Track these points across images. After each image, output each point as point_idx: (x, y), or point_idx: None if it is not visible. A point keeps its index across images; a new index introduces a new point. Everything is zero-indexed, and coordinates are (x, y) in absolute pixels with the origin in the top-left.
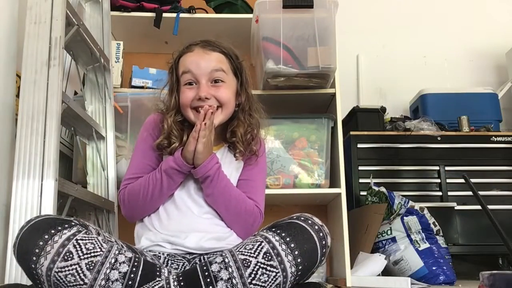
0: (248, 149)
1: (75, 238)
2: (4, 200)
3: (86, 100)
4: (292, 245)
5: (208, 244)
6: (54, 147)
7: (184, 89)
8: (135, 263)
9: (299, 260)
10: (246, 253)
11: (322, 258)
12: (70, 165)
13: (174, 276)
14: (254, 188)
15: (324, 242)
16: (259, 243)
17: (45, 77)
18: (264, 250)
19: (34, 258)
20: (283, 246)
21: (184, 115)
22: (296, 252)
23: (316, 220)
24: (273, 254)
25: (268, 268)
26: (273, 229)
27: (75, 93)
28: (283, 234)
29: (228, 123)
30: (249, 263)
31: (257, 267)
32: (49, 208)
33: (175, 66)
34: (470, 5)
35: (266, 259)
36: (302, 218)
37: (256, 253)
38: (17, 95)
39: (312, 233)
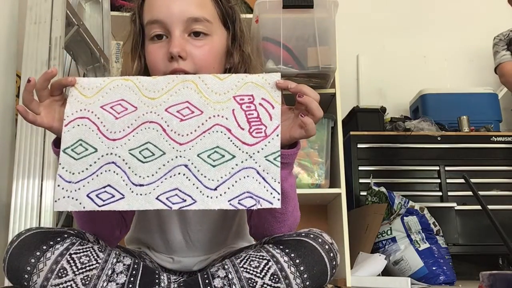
0: None
1: (68, 253)
2: (4, 200)
3: None
4: (302, 268)
5: (208, 262)
6: None
7: (150, 45)
8: (133, 271)
9: (307, 283)
10: (251, 272)
11: (331, 278)
12: None
13: (176, 285)
14: None
15: (334, 263)
16: (265, 261)
17: None
18: (271, 271)
19: (26, 276)
20: (292, 269)
21: None
22: (305, 276)
23: (326, 238)
24: (281, 276)
25: None
26: (281, 247)
27: None
28: (292, 255)
29: None
30: (254, 284)
31: None
32: (49, 208)
33: (138, 12)
34: (470, 5)
35: (273, 281)
36: (312, 236)
37: (263, 274)
38: (17, 95)
39: (323, 253)
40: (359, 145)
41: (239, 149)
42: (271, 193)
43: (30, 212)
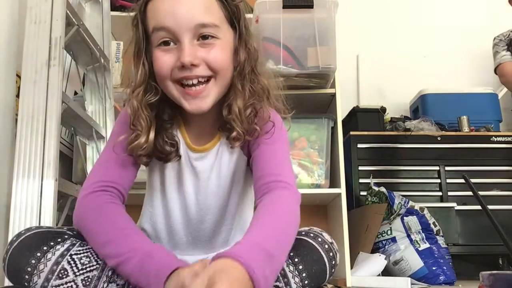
0: (249, 131)
1: (69, 254)
2: (4, 200)
3: (86, 100)
4: (300, 267)
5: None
6: (54, 147)
7: (158, 52)
8: None
9: (306, 282)
10: None
11: (330, 277)
12: (70, 165)
13: None
14: (274, 161)
15: (333, 262)
16: None
17: (45, 77)
18: None
19: (27, 277)
20: (291, 268)
21: (164, 91)
22: (304, 274)
23: (326, 237)
24: (279, 275)
25: None
26: None
27: (75, 93)
28: (291, 254)
29: (224, 96)
30: None
31: None
32: (49, 208)
33: (141, 17)
34: (471, 5)
35: None
36: (312, 235)
37: None
38: (17, 95)
39: (322, 253)
40: (359, 145)
41: None
42: None
43: (30, 212)
